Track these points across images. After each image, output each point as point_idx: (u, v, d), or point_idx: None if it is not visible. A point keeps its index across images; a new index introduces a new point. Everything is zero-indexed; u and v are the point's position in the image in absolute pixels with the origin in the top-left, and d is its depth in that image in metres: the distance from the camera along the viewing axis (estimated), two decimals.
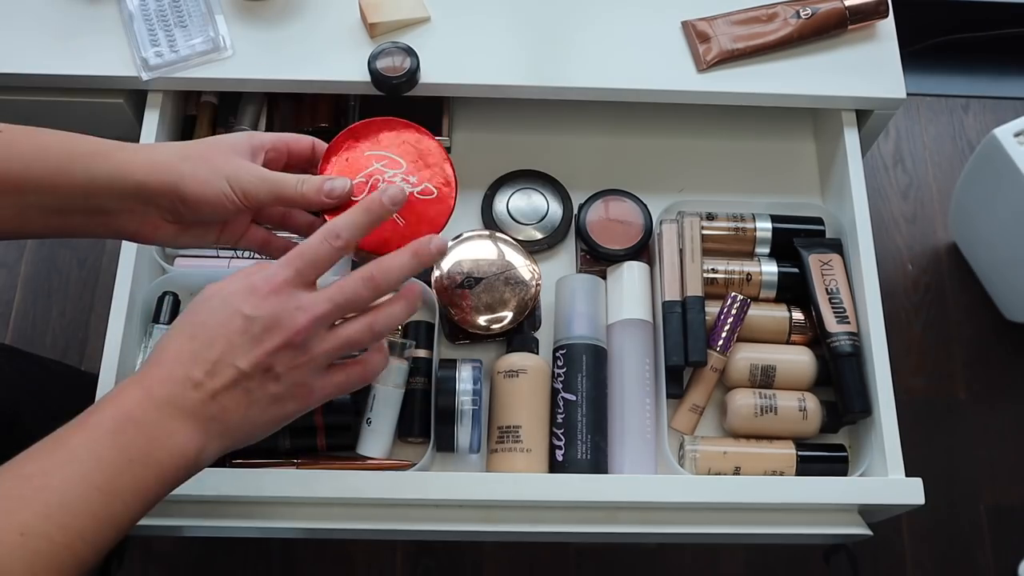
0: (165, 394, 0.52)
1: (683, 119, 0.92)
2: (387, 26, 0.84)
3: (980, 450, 1.26)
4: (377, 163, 0.65)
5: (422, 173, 0.65)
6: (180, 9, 0.84)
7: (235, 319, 0.54)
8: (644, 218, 0.85)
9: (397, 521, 0.72)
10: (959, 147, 1.46)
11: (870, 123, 0.87)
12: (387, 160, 0.65)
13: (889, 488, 0.72)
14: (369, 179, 0.64)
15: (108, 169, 0.59)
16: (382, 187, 0.63)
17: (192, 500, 0.71)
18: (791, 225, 0.85)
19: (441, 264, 0.81)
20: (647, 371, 0.78)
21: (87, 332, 1.28)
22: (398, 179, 0.64)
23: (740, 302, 0.80)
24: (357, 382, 0.60)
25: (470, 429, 0.74)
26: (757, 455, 0.76)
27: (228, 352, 0.53)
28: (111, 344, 0.75)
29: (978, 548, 1.21)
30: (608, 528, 0.73)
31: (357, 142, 0.66)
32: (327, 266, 0.57)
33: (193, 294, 0.82)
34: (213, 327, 0.54)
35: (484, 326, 0.78)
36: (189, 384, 0.53)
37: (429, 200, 0.64)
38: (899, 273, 1.37)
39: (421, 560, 1.17)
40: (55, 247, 1.33)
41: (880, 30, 0.88)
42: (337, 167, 0.65)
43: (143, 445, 0.51)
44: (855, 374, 0.77)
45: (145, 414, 0.51)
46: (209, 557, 1.17)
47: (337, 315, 0.56)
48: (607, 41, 0.85)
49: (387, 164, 0.65)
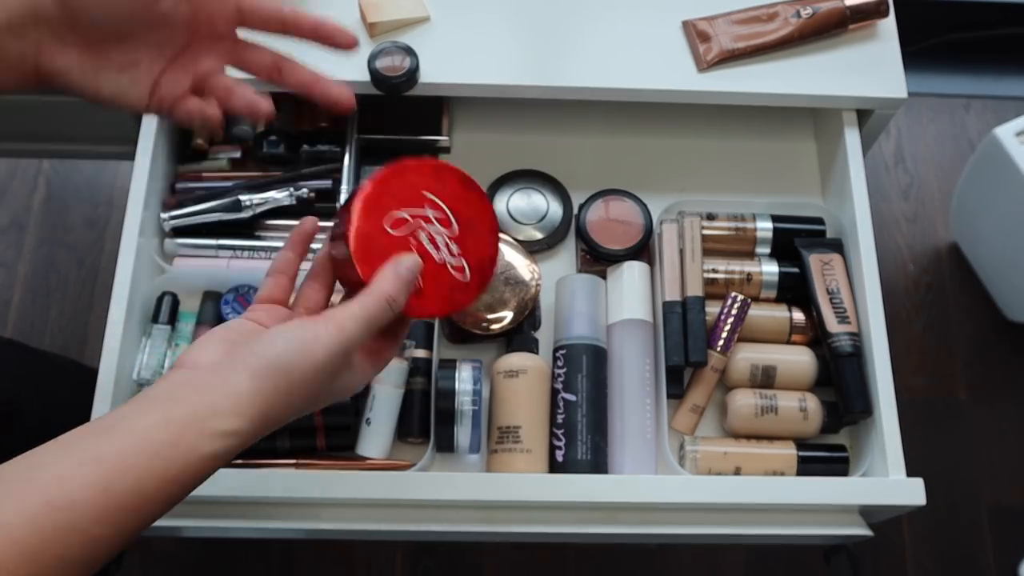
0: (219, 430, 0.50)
1: (683, 119, 0.92)
2: (387, 26, 0.84)
3: (980, 450, 1.26)
4: (430, 208, 0.56)
5: (466, 244, 0.56)
6: None
7: (318, 389, 0.53)
8: (644, 218, 0.84)
9: (397, 521, 0.72)
10: (960, 147, 1.46)
11: (871, 123, 0.87)
12: (442, 213, 0.56)
13: (890, 488, 0.72)
14: (413, 222, 0.55)
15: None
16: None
17: (192, 500, 0.70)
18: (792, 225, 0.85)
19: None
20: (647, 371, 0.78)
21: (86, 332, 1.28)
22: (440, 239, 0.56)
23: (740, 302, 0.80)
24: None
25: (470, 429, 0.74)
26: (757, 455, 0.76)
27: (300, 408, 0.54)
28: (110, 344, 0.75)
29: (979, 548, 1.21)
30: (608, 528, 0.73)
31: (423, 177, 0.56)
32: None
33: (192, 294, 0.82)
34: (304, 396, 0.52)
35: (484, 326, 0.78)
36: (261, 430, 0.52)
37: (456, 280, 0.56)
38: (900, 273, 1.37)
39: (421, 560, 1.17)
40: (54, 247, 1.33)
41: (881, 30, 0.88)
42: (394, 181, 0.55)
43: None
44: (856, 374, 0.77)
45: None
46: (209, 557, 1.17)
47: None
48: (607, 41, 0.85)
49: (439, 218, 0.56)
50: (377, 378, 0.76)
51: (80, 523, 0.45)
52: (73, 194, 1.37)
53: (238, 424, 0.49)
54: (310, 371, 0.51)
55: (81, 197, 1.37)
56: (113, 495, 0.45)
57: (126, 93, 0.56)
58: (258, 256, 0.84)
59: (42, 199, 1.36)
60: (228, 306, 0.81)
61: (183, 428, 0.48)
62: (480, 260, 0.57)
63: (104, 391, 0.73)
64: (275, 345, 0.51)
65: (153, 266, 0.82)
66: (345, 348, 0.52)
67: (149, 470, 0.46)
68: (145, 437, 0.47)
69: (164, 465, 0.47)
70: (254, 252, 0.84)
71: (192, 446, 0.48)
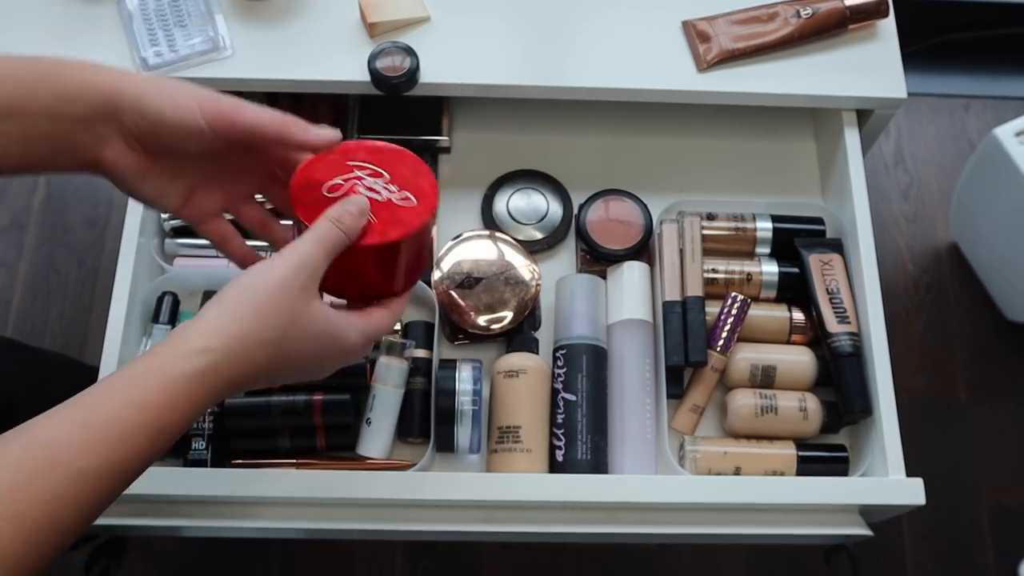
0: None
1: (683, 119, 0.92)
2: (387, 26, 0.84)
3: (980, 450, 1.26)
4: (358, 170, 0.61)
5: (403, 182, 0.61)
6: (180, 9, 0.84)
7: (314, 366, 0.57)
8: (644, 218, 0.84)
9: (397, 521, 0.72)
10: (960, 147, 1.46)
11: (871, 123, 0.87)
12: (370, 170, 0.61)
13: (890, 488, 0.72)
14: (347, 183, 0.60)
15: (75, 84, 0.56)
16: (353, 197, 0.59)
17: (192, 500, 0.71)
18: (791, 225, 0.85)
19: (441, 264, 0.81)
20: (647, 371, 0.78)
21: (86, 332, 1.28)
22: (378, 184, 0.60)
23: (740, 302, 0.80)
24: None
25: (470, 429, 0.74)
26: (757, 455, 0.76)
27: (290, 378, 0.57)
28: (110, 344, 0.75)
29: (978, 548, 1.21)
30: (608, 528, 0.73)
31: (344, 154, 0.61)
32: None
33: (192, 294, 0.83)
34: (300, 362, 0.55)
35: (484, 326, 0.78)
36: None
37: (404, 207, 0.60)
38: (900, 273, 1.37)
39: (421, 560, 1.17)
40: (55, 247, 1.33)
41: (881, 30, 0.88)
42: (318, 164, 0.60)
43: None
44: (855, 374, 0.77)
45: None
46: (209, 557, 1.17)
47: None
48: (607, 41, 0.85)
49: (369, 173, 0.61)
50: (377, 378, 0.76)
51: (63, 457, 0.45)
52: (73, 194, 1.37)
53: (207, 342, 0.50)
54: (273, 287, 0.53)
55: (81, 197, 1.37)
56: (92, 429, 0.46)
57: (164, 196, 0.61)
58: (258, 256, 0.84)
59: (42, 199, 1.36)
60: None
61: (154, 356, 0.50)
62: (420, 188, 0.60)
63: None
64: (236, 276, 0.54)
65: (153, 266, 0.82)
66: (301, 264, 0.54)
67: (126, 402, 0.48)
68: (121, 375, 0.49)
69: (140, 393, 0.48)
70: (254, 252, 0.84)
71: (163, 370, 0.49)
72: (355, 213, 0.58)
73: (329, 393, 0.75)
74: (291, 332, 0.53)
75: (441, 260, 0.81)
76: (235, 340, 0.51)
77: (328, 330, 0.55)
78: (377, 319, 0.59)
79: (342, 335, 0.56)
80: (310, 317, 0.54)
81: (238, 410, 0.75)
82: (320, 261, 0.55)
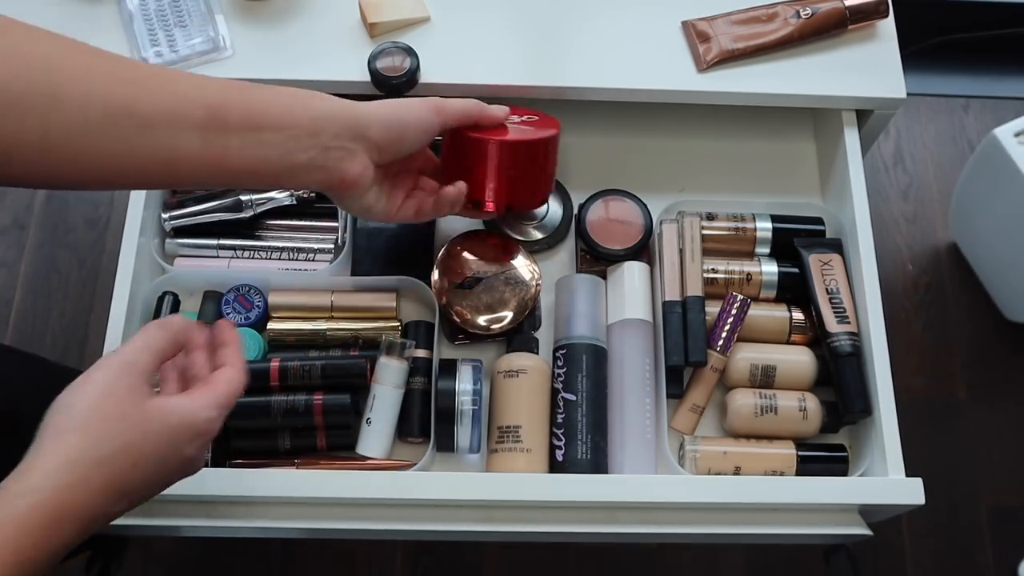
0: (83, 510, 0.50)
1: (683, 119, 0.92)
2: (387, 26, 0.84)
3: (980, 450, 1.26)
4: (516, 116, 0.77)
5: (535, 124, 0.77)
6: (180, 9, 0.84)
7: (175, 462, 0.54)
8: (644, 218, 0.84)
9: (397, 521, 0.72)
10: (959, 147, 1.46)
11: (870, 123, 0.87)
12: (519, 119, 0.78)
13: (889, 488, 0.72)
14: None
15: (324, 108, 0.64)
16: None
17: (192, 500, 0.71)
18: (791, 225, 0.85)
19: (441, 265, 0.81)
20: (647, 371, 0.78)
21: (87, 332, 1.28)
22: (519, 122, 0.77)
23: (740, 302, 0.80)
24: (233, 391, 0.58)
25: (470, 429, 0.74)
26: (757, 455, 0.76)
27: (158, 484, 0.55)
28: (111, 344, 0.75)
29: (978, 548, 1.21)
30: (608, 528, 0.73)
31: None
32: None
33: (192, 294, 0.83)
34: (155, 464, 0.53)
35: (484, 326, 0.78)
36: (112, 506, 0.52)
37: (528, 129, 0.76)
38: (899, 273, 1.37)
39: (421, 560, 1.17)
40: (55, 247, 1.33)
41: (880, 30, 0.88)
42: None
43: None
44: (855, 374, 0.77)
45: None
46: (209, 557, 1.17)
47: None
48: (607, 41, 0.85)
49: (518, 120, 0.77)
50: (377, 378, 0.76)
51: None
52: (74, 194, 1.37)
53: (29, 481, 0.48)
54: (94, 400, 0.51)
55: (82, 197, 1.37)
56: None
57: (388, 197, 0.71)
58: (259, 256, 0.84)
59: (43, 199, 1.36)
60: (228, 306, 0.81)
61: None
62: (543, 129, 0.77)
63: None
64: (55, 401, 0.52)
65: (154, 266, 0.82)
66: (123, 365, 0.53)
67: None
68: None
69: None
70: (255, 252, 0.84)
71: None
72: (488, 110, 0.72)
73: (329, 393, 0.75)
74: (132, 439, 0.51)
75: (441, 260, 0.81)
76: (61, 470, 0.48)
77: (173, 421, 0.53)
78: (224, 384, 0.57)
79: (192, 418, 0.54)
80: (147, 416, 0.52)
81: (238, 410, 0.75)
82: (146, 359, 0.54)
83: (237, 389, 0.57)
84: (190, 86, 0.60)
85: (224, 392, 0.56)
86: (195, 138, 0.58)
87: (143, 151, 0.57)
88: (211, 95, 0.60)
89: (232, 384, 0.57)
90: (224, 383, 0.57)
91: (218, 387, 0.56)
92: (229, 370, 0.58)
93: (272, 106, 0.62)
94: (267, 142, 0.61)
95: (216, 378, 0.57)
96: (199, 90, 0.60)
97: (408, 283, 0.81)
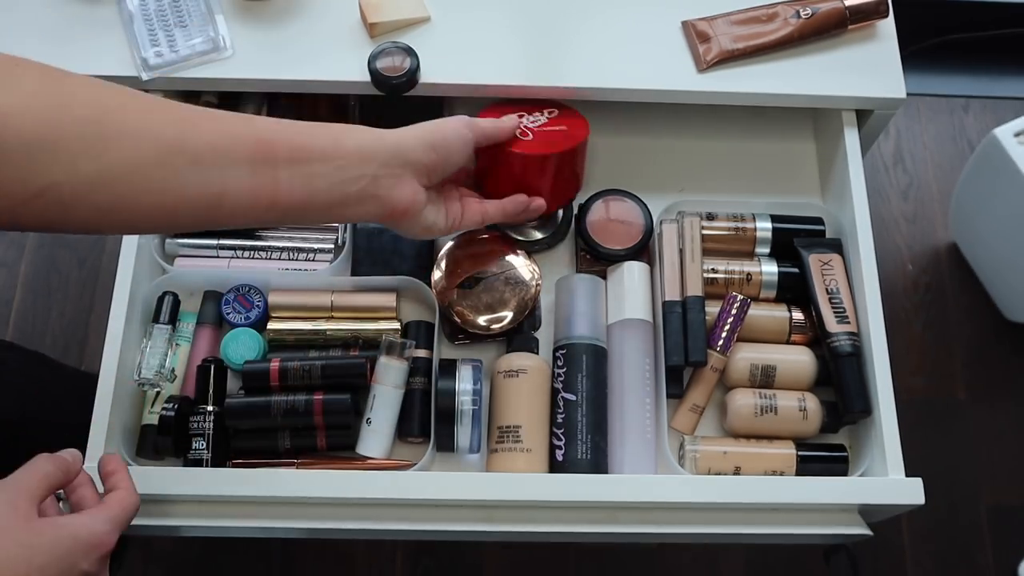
0: None
1: (683, 119, 0.92)
2: (387, 26, 0.84)
3: (980, 450, 1.26)
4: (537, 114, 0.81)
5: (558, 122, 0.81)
6: (180, 9, 0.84)
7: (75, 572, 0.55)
8: (644, 218, 0.85)
9: (397, 521, 0.72)
10: (959, 147, 1.46)
11: (870, 123, 0.87)
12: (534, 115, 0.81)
13: (889, 488, 0.72)
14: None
15: (367, 138, 0.67)
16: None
17: (192, 500, 0.71)
18: (791, 225, 0.85)
19: (441, 264, 0.81)
20: (647, 371, 0.78)
21: (87, 332, 1.28)
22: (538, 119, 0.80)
23: (740, 302, 0.80)
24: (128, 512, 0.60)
25: (470, 429, 0.74)
26: (757, 455, 0.76)
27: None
28: (111, 344, 0.75)
29: (978, 548, 1.21)
30: (608, 528, 0.73)
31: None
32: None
33: (192, 294, 0.83)
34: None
35: (484, 326, 0.78)
36: None
37: (559, 131, 0.79)
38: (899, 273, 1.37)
39: (421, 560, 1.17)
40: (55, 247, 1.33)
41: (880, 30, 0.88)
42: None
43: None
44: (855, 374, 0.77)
45: None
46: (209, 557, 1.17)
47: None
48: (607, 41, 0.85)
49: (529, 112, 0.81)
50: (377, 378, 0.76)
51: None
52: None
53: None
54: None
55: None
56: None
57: (446, 212, 0.73)
58: (258, 256, 0.84)
59: None
60: (228, 306, 0.81)
61: None
62: (574, 127, 0.81)
63: (105, 391, 0.73)
64: None
65: (154, 266, 0.82)
66: (3, 486, 0.54)
67: None
68: None
69: None
70: (254, 252, 0.84)
71: None
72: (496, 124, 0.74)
73: (329, 393, 0.76)
74: (14, 553, 0.52)
75: (441, 260, 0.81)
76: None
77: (65, 534, 0.54)
78: (116, 503, 0.59)
79: (85, 530, 0.55)
80: (35, 530, 0.53)
81: (238, 410, 0.75)
82: (32, 482, 0.55)
83: (129, 508, 0.59)
84: (237, 122, 0.61)
85: (117, 509, 0.58)
86: (244, 172, 0.60)
87: (193, 187, 0.59)
88: (258, 129, 0.62)
89: (124, 503, 0.59)
90: (116, 502, 0.59)
91: (111, 506, 0.59)
92: (120, 492, 0.60)
93: (318, 138, 0.64)
94: (316, 173, 0.63)
95: (109, 499, 0.59)
96: (246, 125, 0.62)
97: (408, 283, 0.81)
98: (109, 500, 0.59)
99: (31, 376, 0.92)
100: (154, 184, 0.57)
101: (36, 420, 0.86)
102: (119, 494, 0.60)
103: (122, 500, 0.59)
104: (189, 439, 0.75)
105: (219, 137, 0.59)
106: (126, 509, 0.59)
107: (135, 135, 0.56)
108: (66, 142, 0.53)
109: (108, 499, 0.59)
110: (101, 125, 0.55)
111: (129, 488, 0.60)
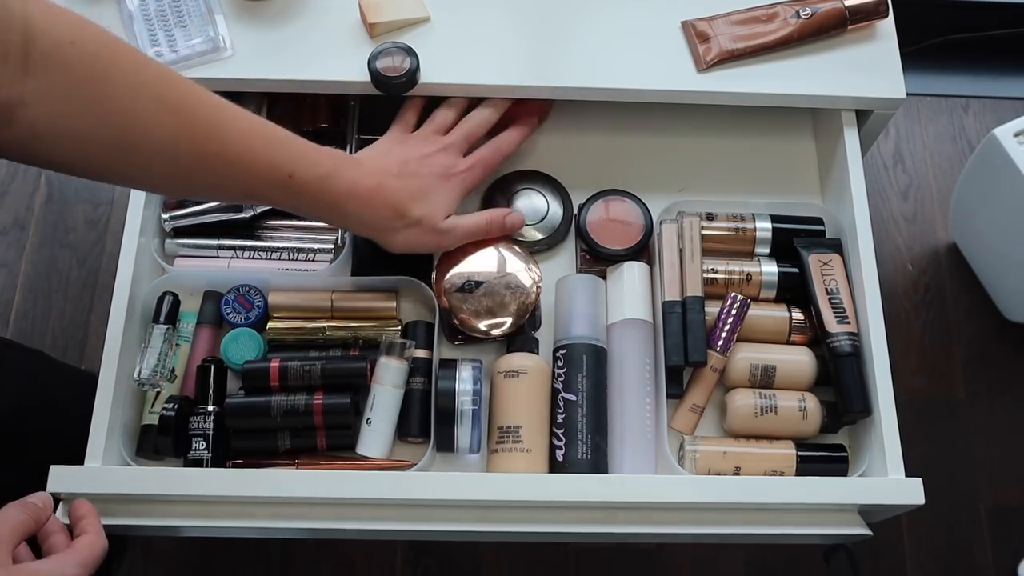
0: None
1: (683, 119, 0.92)
2: (387, 26, 0.84)
3: (980, 450, 1.26)
4: None
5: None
6: (180, 9, 0.84)
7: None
8: (644, 218, 0.85)
9: (397, 521, 0.72)
10: (959, 147, 1.46)
11: (870, 123, 0.87)
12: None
13: (889, 488, 0.72)
14: None
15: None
16: None
17: (192, 500, 0.71)
18: (791, 225, 0.85)
19: (441, 266, 0.81)
20: (647, 371, 0.78)
21: (87, 332, 1.28)
22: None
23: (740, 302, 0.80)
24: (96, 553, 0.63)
25: (470, 429, 0.74)
26: (757, 455, 0.76)
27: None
28: (111, 344, 0.75)
29: (978, 548, 1.21)
30: (608, 528, 0.73)
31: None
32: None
33: (192, 294, 0.83)
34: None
35: (484, 331, 0.78)
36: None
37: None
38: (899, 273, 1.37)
39: (421, 560, 1.17)
40: (56, 247, 1.33)
41: (880, 30, 0.88)
42: None
43: None
44: (855, 374, 0.77)
45: None
46: (209, 557, 1.17)
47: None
48: (607, 41, 0.85)
49: None
50: (377, 378, 0.76)
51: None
52: (74, 194, 1.37)
53: None
54: None
55: (82, 197, 1.37)
56: None
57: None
58: (259, 256, 0.84)
59: (43, 199, 1.37)
60: (228, 306, 0.81)
61: None
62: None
63: (105, 391, 0.73)
64: None
65: (154, 266, 0.82)
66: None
67: None
68: None
69: None
70: (255, 252, 0.84)
71: None
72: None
73: (329, 393, 0.76)
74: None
75: (441, 261, 0.81)
76: None
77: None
78: (86, 548, 0.62)
79: (57, 573, 0.59)
80: (10, 574, 0.56)
81: (238, 410, 0.75)
82: (3, 532, 0.58)
83: (97, 551, 0.62)
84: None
85: (86, 553, 0.61)
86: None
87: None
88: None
89: (93, 547, 0.62)
90: (86, 547, 0.62)
91: (80, 550, 0.61)
92: (89, 536, 0.63)
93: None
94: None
95: (78, 543, 0.62)
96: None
97: (408, 283, 0.81)
98: (78, 544, 0.62)
99: (31, 374, 0.92)
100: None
101: (36, 417, 0.86)
102: (88, 538, 0.63)
103: (91, 544, 0.62)
104: (189, 439, 0.75)
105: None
106: (95, 553, 0.62)
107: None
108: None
109: (77, 543, 0.62)
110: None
111: (98, 531, 0.64)
